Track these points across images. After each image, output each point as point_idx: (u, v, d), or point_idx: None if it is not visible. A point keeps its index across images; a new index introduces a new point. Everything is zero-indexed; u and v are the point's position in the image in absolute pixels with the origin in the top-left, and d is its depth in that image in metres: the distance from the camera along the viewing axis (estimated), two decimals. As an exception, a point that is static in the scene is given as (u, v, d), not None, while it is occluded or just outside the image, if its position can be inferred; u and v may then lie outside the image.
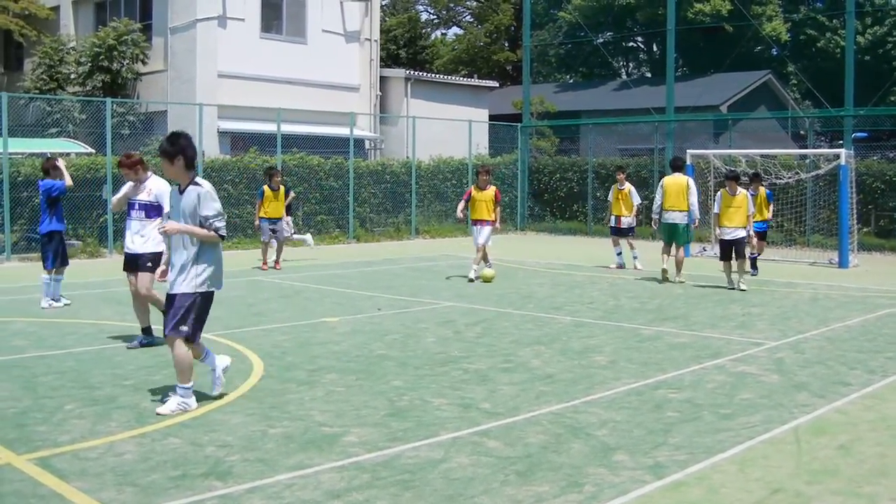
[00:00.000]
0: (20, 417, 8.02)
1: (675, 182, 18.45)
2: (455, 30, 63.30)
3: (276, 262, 20.78)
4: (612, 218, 21.43)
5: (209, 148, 27.49)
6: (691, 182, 18.59)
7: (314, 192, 28.03)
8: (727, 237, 17.34)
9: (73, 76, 30.66)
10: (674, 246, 18.41)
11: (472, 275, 18.34)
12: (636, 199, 21.40)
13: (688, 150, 25.22)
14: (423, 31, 60.08)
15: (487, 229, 18.48)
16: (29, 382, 9.33)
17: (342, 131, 30.12)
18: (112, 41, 29.70)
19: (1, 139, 21.84)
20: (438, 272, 20.12)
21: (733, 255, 17.35)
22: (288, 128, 28.12)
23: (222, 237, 8.25)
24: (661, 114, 31.20)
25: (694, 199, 18.20)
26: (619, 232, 21.31)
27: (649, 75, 56.49)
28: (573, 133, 38.72)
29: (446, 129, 33.38)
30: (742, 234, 17.27)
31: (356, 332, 12.47)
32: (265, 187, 20.73)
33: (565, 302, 15.68)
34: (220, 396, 8.64)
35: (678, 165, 19.16)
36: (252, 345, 11.44)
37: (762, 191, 18.84)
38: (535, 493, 6.21)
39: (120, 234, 23.45)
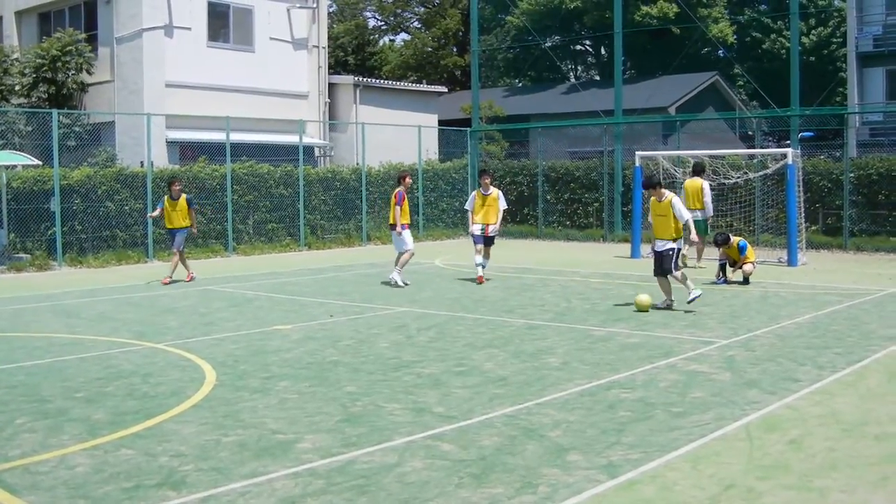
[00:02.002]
0: (-31, 433, 7.93)
1: (691, 185, 21.35)
2: (403, 36, 63.39)
3: (168, 276, 19.65)
4: (479, 227, 19.06)
5: (158, 158, 27.27)
6: (705, 184, 21.24)
7: (264, 201, 27.90)
8: (657, 249, 15.23)
9: (17, 87, 30.30)
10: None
11: (399, 279, 18.59)
12: (503, 204, 19.29)
13: (636, 152, 25.36)
14: (371, 37, 60.06)
15: None
16: (-22, 397, 9.23)
17: (291, 139, 30.01)
18: (56, 52, 29.37)
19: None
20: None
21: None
22: (237, 136, 27.99)
23: None
24: (609, 116, 31.35)
25: (707, 198, 21.08)
26: (486, 241, 19.06)
27: (597, 78, 56.80)
28: (523, 137, 38.83)
29: (396, 134, 33.36)
30: (670, 246, 15.03)
31: (309, 339, 12.44)
32: (165, 197, 20.16)
33: (517, 305, 15.72)
34: None
35: (696, 170, 21.76)
36: (204, 354, 11.38)
37: (735, 241, 18.57)
38: (489, 495, 6.23)
39: (69, 246, 23.33)
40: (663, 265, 15.06)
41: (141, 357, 11.32)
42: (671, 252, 15.01)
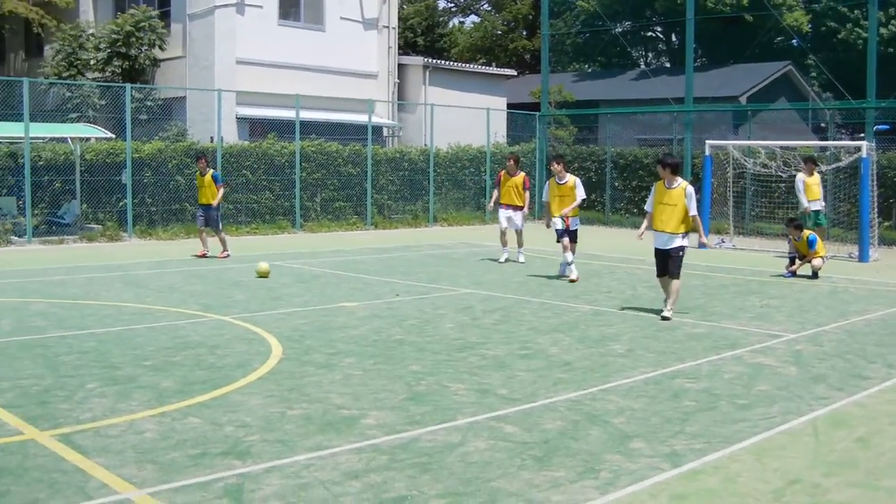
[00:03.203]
0: (43, 395, 8.10)
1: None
2: (473, 18, 63.27)
3: (223, 251, 19.72)
4: (557, 219, 17.01)
5: (228, 134, 27.53)
6: (797, 177, 21.07)
7: (332, 179, 28.06)
8: (659, 245, 13.16)
9: (92, 62, 30.71)
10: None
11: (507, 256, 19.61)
12: (581, 194, 17.16)
13: (707, 141, 25.17)
14: (441, 19, 60.01)
15: (520, 214, 19.58)
16: (51, 361, 9.42)
17: (360, 118, 30.13)
18: (130, 27, 29.72)
19: (23, 124, 21.89)
20: (456, 259, 20.14)
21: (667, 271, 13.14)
22: (306, 114, 28.13)
23: None
24: (679, 104, 31.09)
25: (798, 191, 20.71)
26: (569, 234, 17.01)
27: (668, 65, 56.24)
28: (591, 122, 38.62)
29: (464, 116, 33.37)
30: (679, 242, 12.95)
31: (374, 317, 12.51)
32: (197, 173, 20.17)
33: (583, 291, 15.68)
34: None
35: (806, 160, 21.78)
36: (271, 328, 11.49)
37: (805, 234, 18.22)
38: (551, 478, 6.23)
39: (139, 218, 23.65)
40: (669, 267, 13.01)
41: (208, 329, 11.47)
42: (681, 253, 13.00)
